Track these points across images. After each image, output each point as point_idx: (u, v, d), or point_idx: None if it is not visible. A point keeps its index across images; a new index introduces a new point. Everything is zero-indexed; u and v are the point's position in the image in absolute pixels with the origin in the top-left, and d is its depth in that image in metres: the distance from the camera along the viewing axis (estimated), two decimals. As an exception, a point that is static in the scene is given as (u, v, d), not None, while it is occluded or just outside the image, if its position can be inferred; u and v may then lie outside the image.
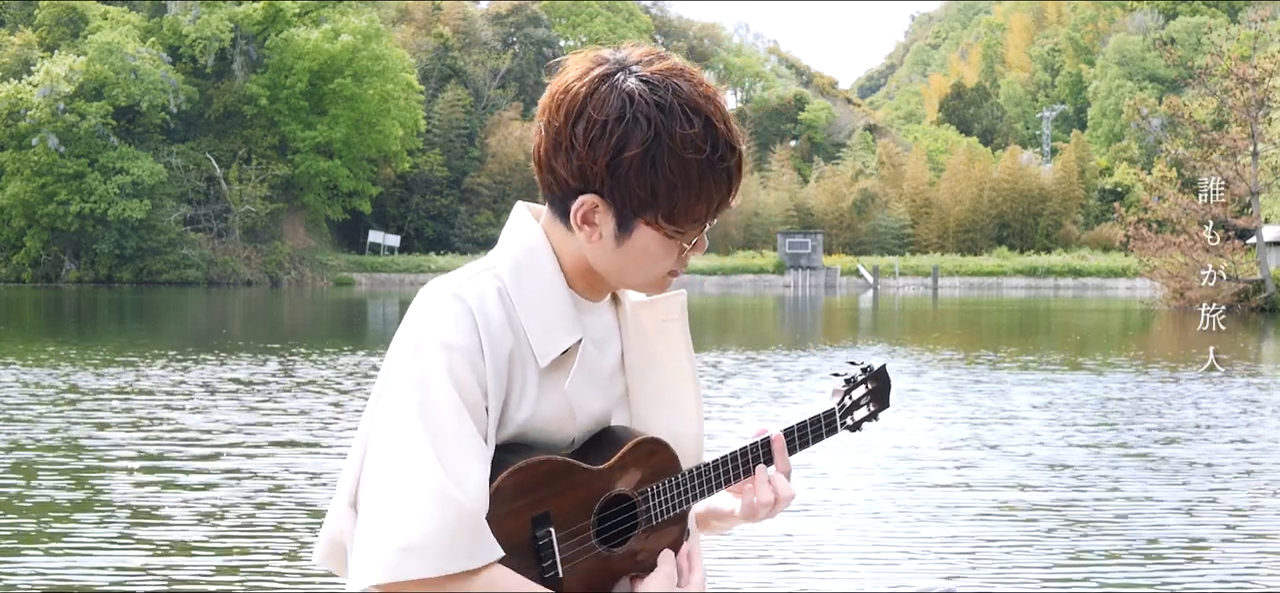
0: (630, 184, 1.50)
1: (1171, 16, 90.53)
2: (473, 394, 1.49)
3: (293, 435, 10.14)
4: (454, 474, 1.45)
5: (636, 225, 1.54)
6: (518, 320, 1.55)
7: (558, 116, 1.53)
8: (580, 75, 1.53)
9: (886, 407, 1.93)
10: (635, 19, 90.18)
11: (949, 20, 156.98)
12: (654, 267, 1.58)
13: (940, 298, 52.12)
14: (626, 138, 1.49)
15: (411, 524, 1.43)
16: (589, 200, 1.53)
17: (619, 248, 1.56)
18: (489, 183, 73.68)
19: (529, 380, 1.55)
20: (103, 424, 10.62)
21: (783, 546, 6.38)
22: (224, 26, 62.00)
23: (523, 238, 1.61)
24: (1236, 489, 8.27)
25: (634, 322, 1.70)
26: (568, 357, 1.58)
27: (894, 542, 6.61)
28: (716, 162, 1.52)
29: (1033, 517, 7.28)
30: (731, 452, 1.76)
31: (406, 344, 1.52)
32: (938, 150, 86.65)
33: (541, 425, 1.56)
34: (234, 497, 7.52)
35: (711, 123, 1.52)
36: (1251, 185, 37.39)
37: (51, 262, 59.63)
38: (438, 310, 1.53)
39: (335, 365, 16.52)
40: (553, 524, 1.54)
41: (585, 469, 1.58)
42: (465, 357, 1.49)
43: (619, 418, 1.66)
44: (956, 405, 12.58)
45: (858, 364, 1.93)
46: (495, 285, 1.56)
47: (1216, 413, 12.11)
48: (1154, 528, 7.05)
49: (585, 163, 1.51)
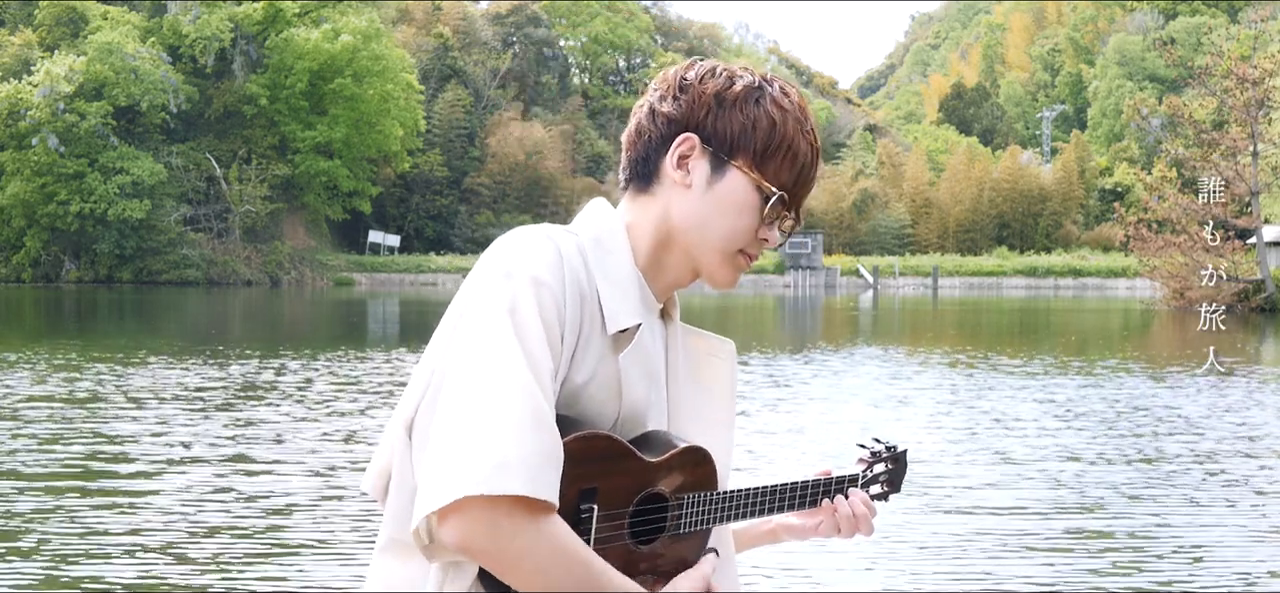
0: (733, 115, 1.63)
1: (1171, 16, 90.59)
2: (554, 333, 1.50)
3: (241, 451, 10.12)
4: (548, 400, 1.44)
5: (728, 169, 1.63)
6: (593, 283, 1.58)
7: (670, 76, 1.69)
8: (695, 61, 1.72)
9: (897, 491, 2.05)
10: (635, 19, 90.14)
11: (949, 20, 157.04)
12: (738, 220, 1.63)
13: (940, 298, 52.11)
14: (733, 79, 1.66)
15: (509, 440, 1.39)
16: (689, 139, 1.63)
17: (708, 192, 1.63)
18: (489, 183, 73.69)
19: (593, 342, 1.56)
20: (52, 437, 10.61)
21: (780, 545, 6.38)
22: (224, 26, 62.01)
23: (601, 219, 1.66)
24: (1236, 489, 8.27)
25: (683, 342, 1.75)
26: (628, 334, 1.60)
27: (895, 542, 6.61)
28: (805, 129, 1.66)
29: (1032, 517, 7.28)
30: (775, 484, 1.81)
31: (496, 270, 1.51)
32: (938, 150, 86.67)
33: (594, 393, 1.56)
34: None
35: (805, 104, 1.69)
36: (1251, 185, 37.40)
37: (51, 262, 59.63)
38: (530, 246, 1.54)
39: (335, 371, 16.51)
40: (597, 501, 1.53)
41: (640, 458, 1.58)
42: (552, 295, 1.50)
43: (657, 425, 1.68)
44: (957, 405, 12.58)
45: (882, 442, 2.05)
46: (577, 244, 1.59)
47: (1216, 413, 12.11)
48: (1153, 528, 7.05)
49: (695, 98, 1.64)
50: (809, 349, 21.02)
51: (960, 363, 17.89)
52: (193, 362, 16.72)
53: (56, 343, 21.05)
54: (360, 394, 13.14)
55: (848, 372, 16.67)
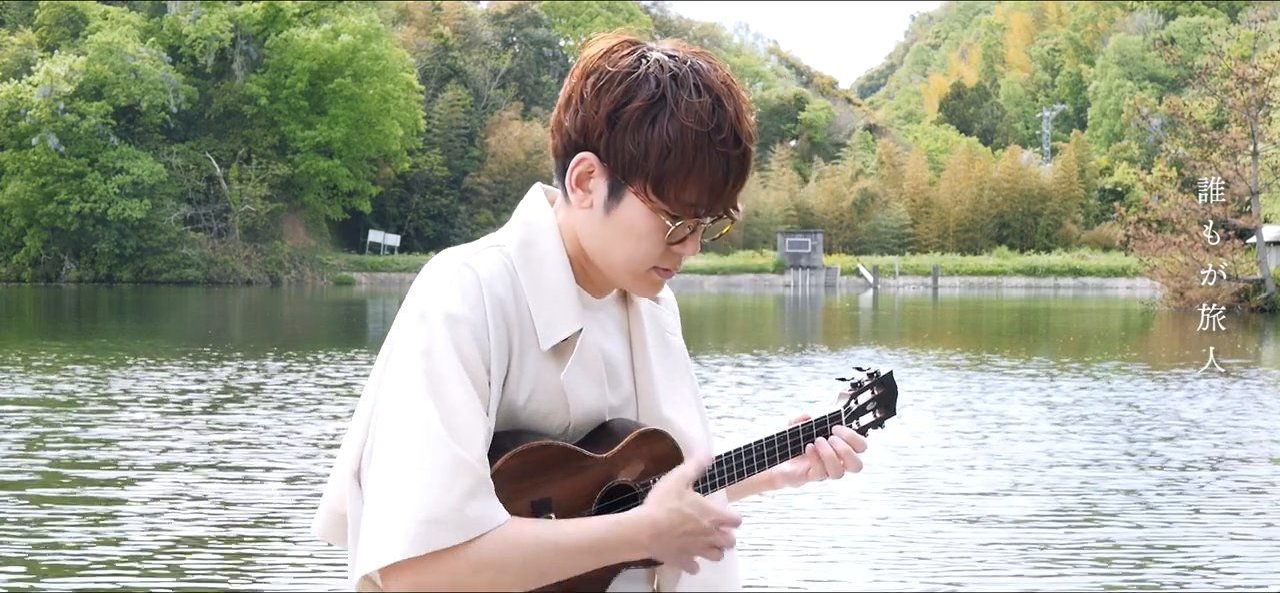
0: (625, 140, 1.50)
1: (1171, 16, 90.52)
2: (476, 367, 1.48)
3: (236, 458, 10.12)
4: (464, 442, 1.44)
5: (625, 193, 1.52)
6: (523, 300, 1.54)
7: (575, 75, 1.55)
8: (606, 42, 1.57)
9: (893, 415, 1.93)
10: (635, 19, 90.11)
11: (949, 20, 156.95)
12: (637, 247, 1.55)
13: (940, 298, 52.11)
14: (632, 93, 1.50)
15: (432, 495, 1.42)
16: (586, 160, 1.53)
17: (607, 217, 1.54)
18: (489, 183, 73.68)
19: (528, 361, 1.54)
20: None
21: (783, 546, 6.38)
22: (224, 26, 61.99)
23: (533, 218, 1.61)
24: (1236, 490, 8.27)
25: (649, 315, 1.70)
26: (567, 345, 1.57)
27: (895, 542, 6.60)
28: (717, 142, 1.50)
29: (1032, 518, 7.28)
30: (752, 442, 1.76)
31: (412, 312, 1.51)
32: (938, 150, 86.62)
33: (536, 409, 1.55)
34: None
35: (721, 103, 1.51)
36: (1251, 185, 37.38)
37: (51, 262, 59.62)
38: (446, 280, 1.52)
39: (322, 374, 16.50)
40: (553, 511, 1.53)
41: (587, 456, 1.57)
42: (470, 329, 1.49)
43: (628, 416, 1.65)
44: (956, 405, 12.58)
45: (864, 369, 1.92)
46: (502, 262, 1.55)
47: (1216, 413, 12.11)
48: (1153, 529, 7.05)
49: (589, 114, 1.52)
50: (809, 349, 21.01)
51: (960, 363, 17.88)
52: (202, 360, 16.72)
53: (51, 343, 21.04)
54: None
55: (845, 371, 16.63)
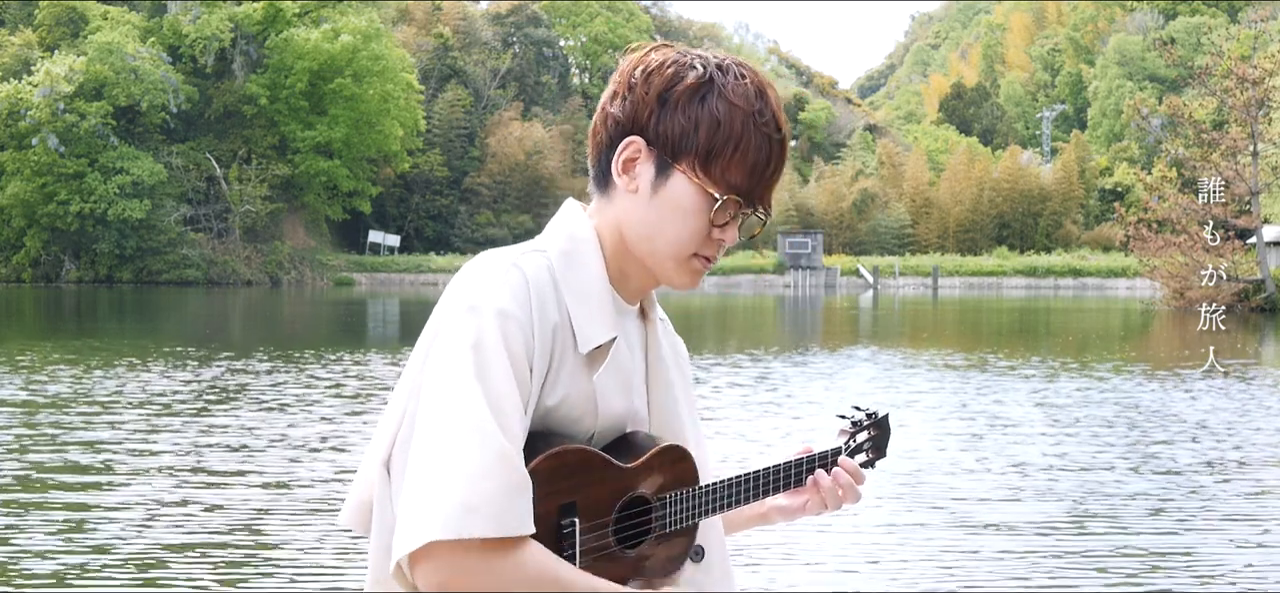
0: (676, 116, 1.55)
1: (1171, 16, 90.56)
2: (521, 365, 1.50)
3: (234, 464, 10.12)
4: (510, 436, 1.45)
5: (673, 172, 1.56)
6: (564, 304, 1.56)
7: (621, 72, 1.61)
8: (645, 47, 1.63)
9: (883, 457, 2.02)
10: (635, 19, 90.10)
11: (949, 20, 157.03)
12: (684, 225, 1.58)
13: (940, 298, 52.11)
14: (682, 74, 1.56)
15: (474, 482, 1.42)
16: (634, 142, 1.58)
17: (654, 198, 1.58)
18: (489, 183, 73.70)
19: (566, 365, 1.56)
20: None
21: (782, 545, 6.38)
22: (224, 26, 62.01)
23: (572, 228, 1.63)
24: (1236, 490, 8.27)
25: (664, 335, 1.74)
26: (602, 351, 1.59)
27: (895, 542, 6.60)
28: (761, 124, 1.56)
29: (1031, 518, 7.27)
30: (756, 470, 1.80)
31: (461, 304, 1.52)
32: (938, 150, 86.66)
33: (567, 413, 1.56)
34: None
35: (764, 91, 1.58)
36: (1251, 185, 37.38)
37: (51, 262, 59.64)
38: (496, 276, 1.53)
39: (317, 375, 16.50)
40: (578, 514, 1.55)
41: (615, 466, 1.59)
42: (519, 326, 1.50)
43: (638, 428, 1.68)
44: (956, 406, 12.58)
45: (863, 410, 2.01)
46: (546, 265, 1.57)
47: (1216, 413, 12.11)
48: (1153, 529, 7.05)
49: (640, 97, 1.57)
50: (811, 349, 21.02)
51: (961, 363, 17.88)
52: (191, 362, 16.73)
53: (58, 342, 21.05)
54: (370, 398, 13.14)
55: (840, 371, 16.67)
